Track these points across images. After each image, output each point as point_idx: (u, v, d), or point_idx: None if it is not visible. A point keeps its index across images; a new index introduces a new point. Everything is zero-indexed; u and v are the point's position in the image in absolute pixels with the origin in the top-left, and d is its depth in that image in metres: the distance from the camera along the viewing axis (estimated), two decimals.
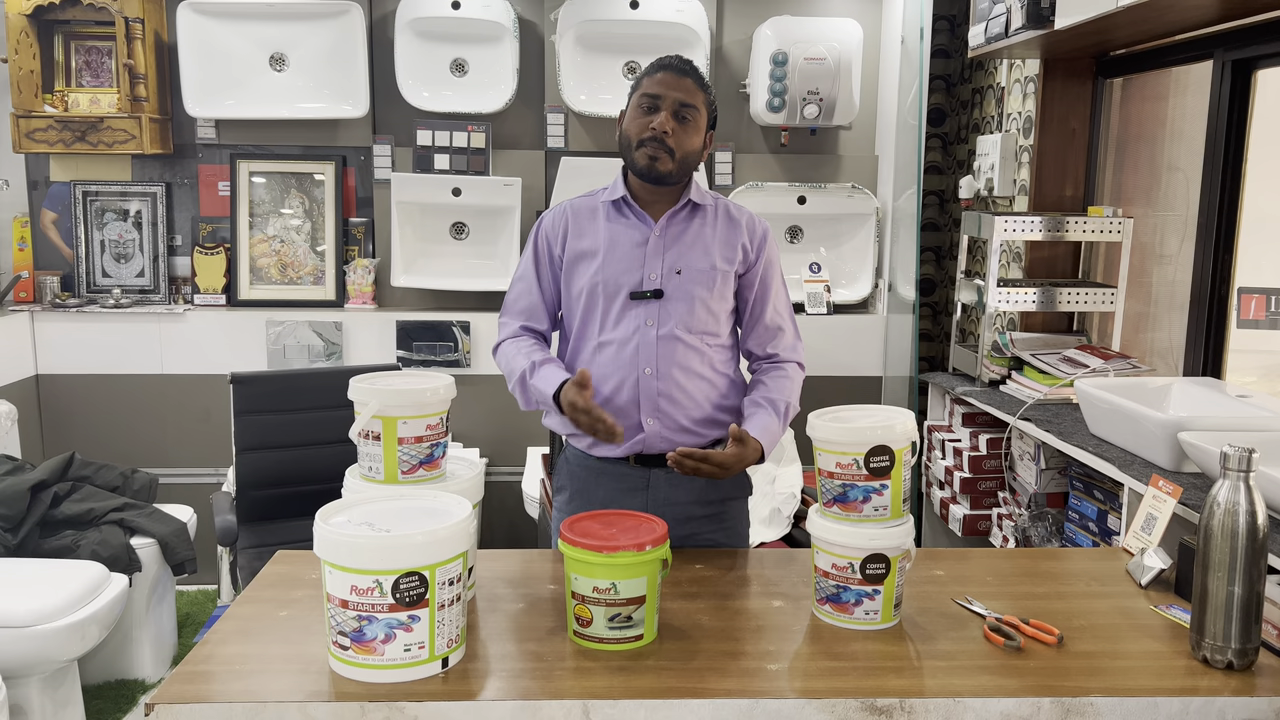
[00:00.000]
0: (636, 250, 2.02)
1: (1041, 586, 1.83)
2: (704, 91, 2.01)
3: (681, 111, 1.97)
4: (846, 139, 4.11)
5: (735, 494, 2.13)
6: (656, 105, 1.97)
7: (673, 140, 1.96)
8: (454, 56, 3.94)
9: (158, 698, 1.41)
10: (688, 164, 2.00)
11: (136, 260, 4.06)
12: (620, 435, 1.90)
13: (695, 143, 2.00)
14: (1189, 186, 2.89)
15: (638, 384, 2.00)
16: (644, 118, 1.98)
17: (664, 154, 1.96)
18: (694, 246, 2.03)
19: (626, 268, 2.01)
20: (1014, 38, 2.94)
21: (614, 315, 2.02)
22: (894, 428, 1.64)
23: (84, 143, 3.80)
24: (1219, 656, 1.52)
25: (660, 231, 2.03)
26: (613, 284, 2.01)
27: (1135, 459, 2.35)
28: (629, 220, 2.04)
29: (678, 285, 2.01)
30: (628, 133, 2.01)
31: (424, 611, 1.44)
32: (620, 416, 2.01)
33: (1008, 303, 3.14)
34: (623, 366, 2.01)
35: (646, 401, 2.01)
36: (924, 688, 1.46)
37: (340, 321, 3.93)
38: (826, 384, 3.93)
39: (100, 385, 3.93)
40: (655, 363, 2.00)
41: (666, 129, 1.95)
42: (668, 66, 1.99)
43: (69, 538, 3.03)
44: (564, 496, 2.14)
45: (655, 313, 2.01)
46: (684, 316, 2.01)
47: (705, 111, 2.01)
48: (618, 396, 2.01)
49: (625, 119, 2.03)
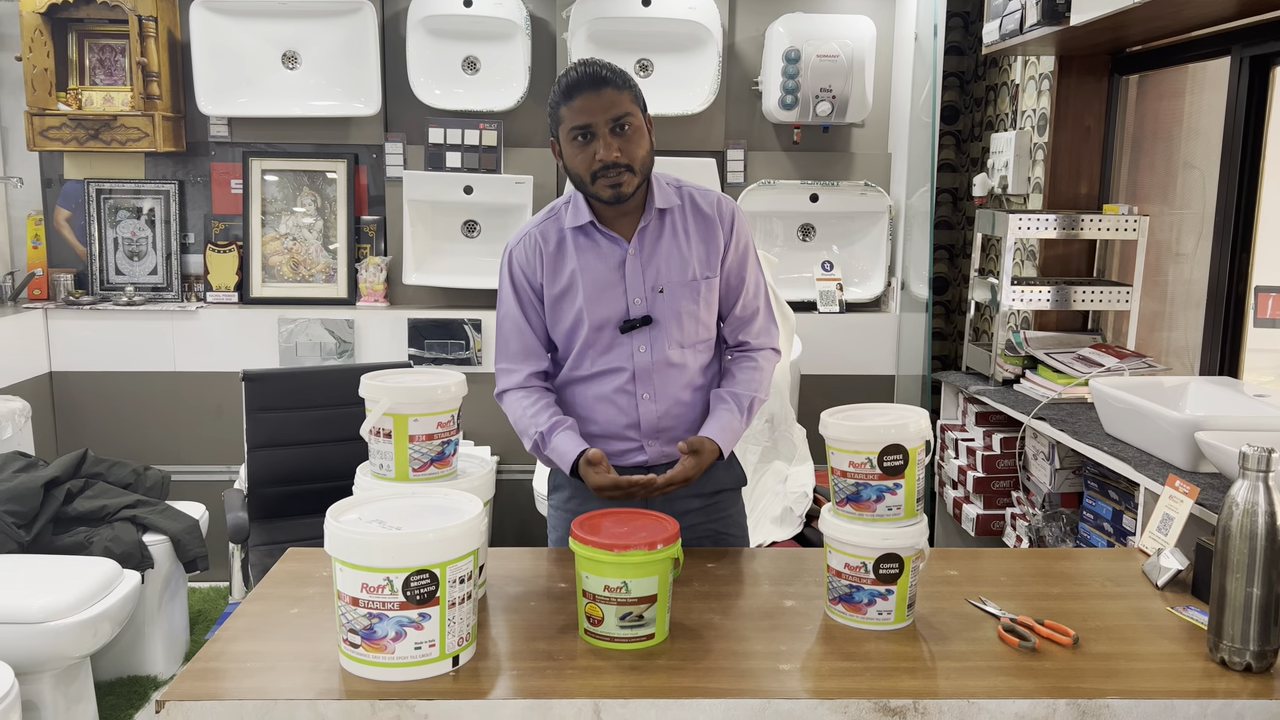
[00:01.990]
0: (614, 275, 1.95)
1: (1056, 587, 1.81)
2: (628, 89, 1.88)
3: (618, 126, 1.85)
4: (859, 136, 4.09)
5: (729, 484, 2.12)
6: (590, 133, 1.85)
7: (625, 158, 1.86)
8: (466, 54, 3.94)
9: (169, 694, 1.41)
10: (646, 169, 1.93)
11: (149, 258, 4.07)
12: (654, 483, 1.90)
13: (644, 145, 1.90)
14: (1206, 184, 2.86)
15: (636, 409, 1.99)
16: (584, 150, 1.86)
17: (624, 175, 1.87)
18: (671, 259, 1.96)
19: (609, 297, 1.95)
20: (1029, 34, 2.92)
21: (604, 345, 1.98)
22: (908, 426, 1.63)
23: (97, 141, 3.81)
24: (1237, 658, 1.50)
25: (635, 250, 1.96)
26: (598, 317, 1.96)
27: (1151, 459, 2.33)
28: (600, 246, 1.96)
29: (663, 305, 1.96)
30: (575, 169, 1.90)
31: (435, 609, 1.43)
32: (620, 441, 2.01)
33: (1022, 301, 3.12)
34: (619, 395, 1.98)
35: (647, 426, 2.00)
36: (937, 689, 1.45)
37: (352, 319, 3.94)
38: (839, 383, 3.92)
39: (113, 382, 3.94)
40: (652, 388, 1.98)
41: (615, 154, 1.85)
42: (579, 85, 1.85)
43: (82, 534, 3.04)
44: (563, 494, 2.12)
45: (647, 338, 1.97)
46: (675, 335, 1.97)
47: (638, 109, 1.90)
48: (616, 424, 2.00)
49: (564, 154, 1.92)
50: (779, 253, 4.03)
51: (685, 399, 2.01)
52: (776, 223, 4.10)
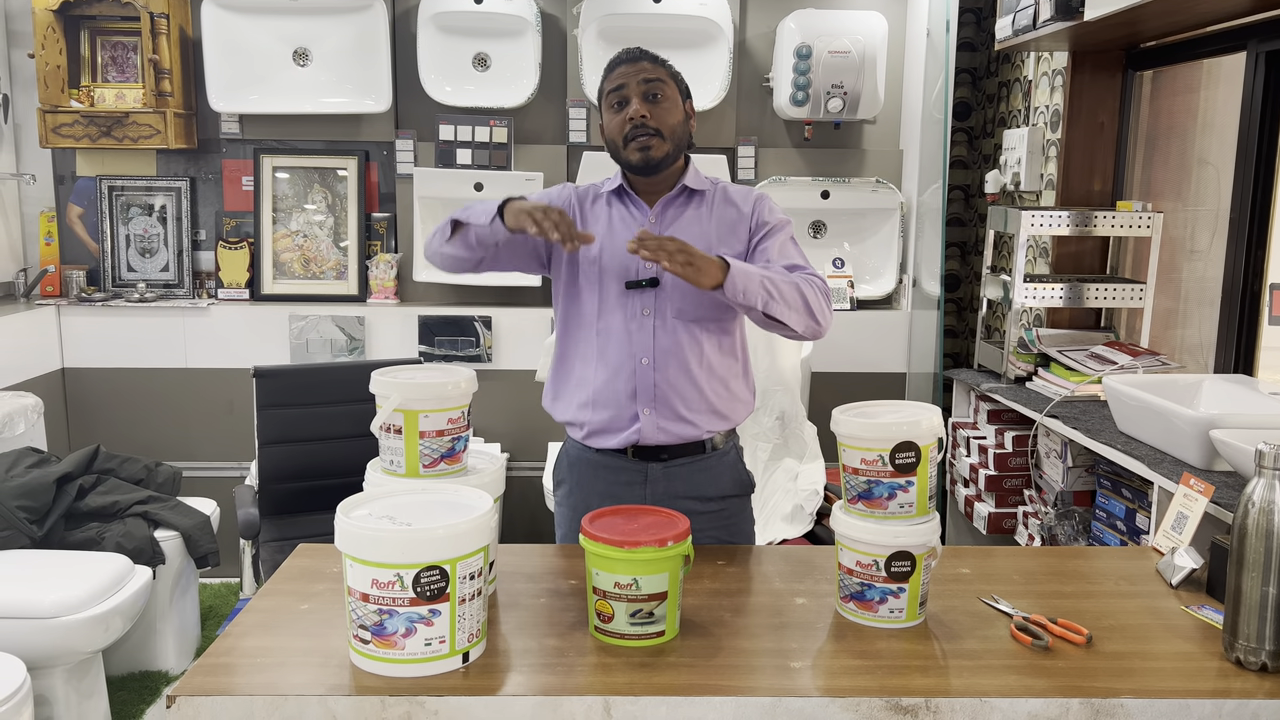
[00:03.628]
0: (631, 236, 1.98)
1: (1069, 586, 1.80)
2: (664, 67, 2.00)
3: (649, 90, 1.96)
4: (871, 133, 4.08)
5: (735, 491, 2.11)
6: (625, 97, 1.96)
7: (654, 121, 1.94)
8: (476, 51, 3.94)
9: (180, 689, 1.41)
10: (678, 139, 1.99)
11: (161, 255, 4.08)
12: (585, 237, 1.80)
13: (676, 115, 1.98)
14: (1221, 180, 2.84)
15: (634, 374, 1.99)
16: (618, 115, 1.98)
17: (653, 139, 1.95)
18: (690, 233, 1.99)
19: (624, 256, 1.99)
20: (1042, 30, 2.91)
21: (610, 303, 2.00)
22: (920, 424, 1.62)
23: (109, 137, 3.82)
24: (1252, 658, 1.49)
25: (656, 218, 2.02)
26: (609, 272, 2.00)
27: (1165, 457, 2.32)
28: (626, 209, 2.04)
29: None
30: (611, 136, 2.00)
31: (445, 606, 1.43)
32: (616, 406, 2.00)
33: (1034, 298, 3.10)
34: (618, 355, 1.99)
35: (643, 392, 1.99)
36: (949, 687, 1.44)
37: (362, 316, 3.94)
38: (850, 380, 3.91)
39: (125, 379, 3.95)
40: (652, 353, 1.98)
41: (644, 113, 1.94)
42: (620, 61, 1.99)
43: (94, 530, 3.05)
44: (564, 490, 2.14)
45: (651, 301, 1.99)
46: (681, 305, 1.98)
47: (673, 83, 2.00)
48: (613, 385, 2.00)
49: (604, 126, 2.02)
50: None
51: (685, 375, 1.98)
52: None
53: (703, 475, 2.06)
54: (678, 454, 2.04)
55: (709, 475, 2.06)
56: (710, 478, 2.06)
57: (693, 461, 2.05)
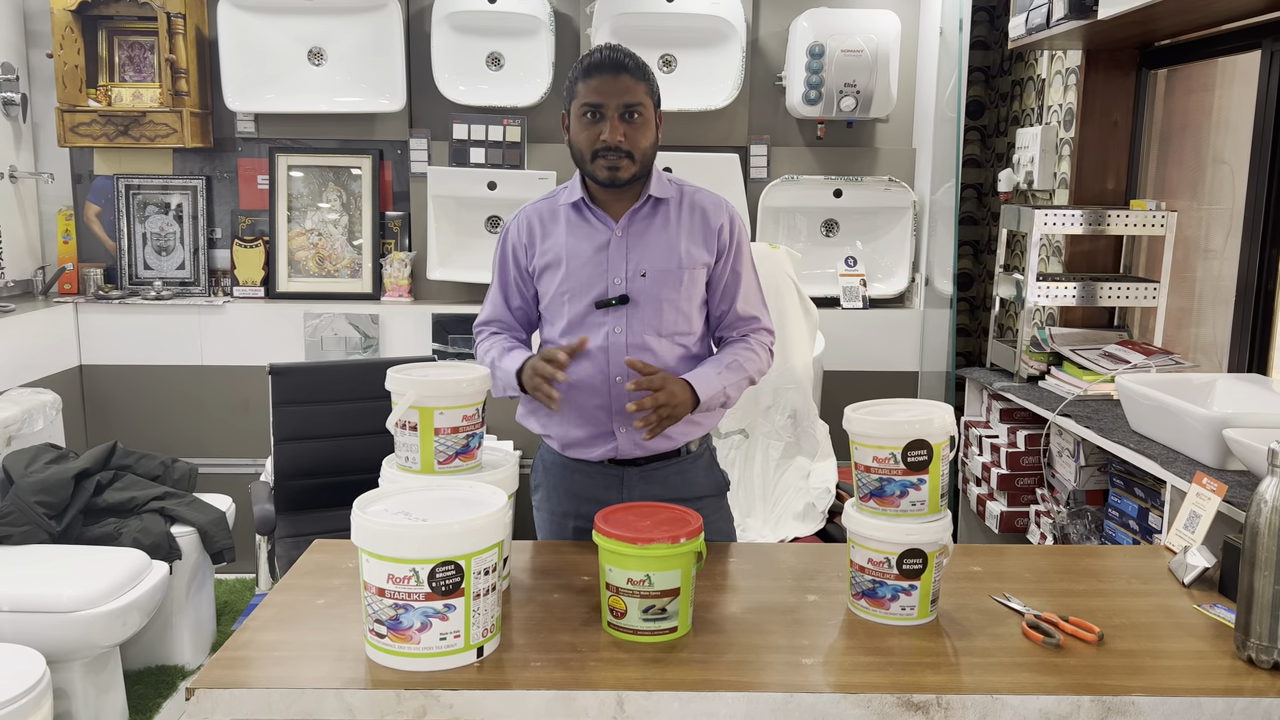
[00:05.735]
0: (599, 254, 1.98)
1: (1081, 584, 1.80)
2: (644, 81, 1.93)
3: (628, 112, 1.90)
4: (883, 132, 4.08)
5: (710, 492, 2.12)
6: (600, 113, 1.90)
7: (628, 144, 1.90)
8: (490, 50, 3.95)
9: (197, 683, 1.43)
10: (647, 161, 1.95)
11: (177, 253, 4.11)
12: (556, 402, 1.89)
13: (649, 137, 1.94)
14: (1235, 179, 2.83)
15: (609, 392, 1.99)
16: (591, 129, 1.91)
17: (623, 161, 1.91)
18: (658, 245, 1.98)
19: (591, 274, 1.97)
20: (1055, 28, 2.90)
21: (581, 322, 1.99)
22: (932, 422, 1.63)
23: (126, 136, 3.85)
24: (1264, 656, 1.49)
25: (622, 232, 1.98)
26: (579, 292, 1.98)
27: (1178, 456, 2.31)
28: (589, 224, 1.99)
29: (644, 288, 1.97)
30: (578, 145, 1.94)
31: (459, 601, 1.45)
32: (593, 424, 2.01)
33: (1047, 297, 3.10)
34: (593, 374, 1.98)
35: (618, 408, 1.99)
36: (961, 684, 1.44)
37: (377, 314, 3.96)
38: (862, 379, 3.91)
39: (141, 376, 3.98)
40: (625, 371, 1.97)
41: (619, 137, 1.89)
42: (600, 66, 1.91)
43: (111, 525, 3.07)
44: (540, 494, 2.16)
45: (623, 319, 1.97)
46: (653, 321, 1.98)
47: (650, 102, 1.94)
48: (589, 403, 2.00)
49: (571, 128, 1.96)
50: (802, 248, 4.03)
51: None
52: (800, 218, 4.09)
53: (678, 478, 2.07)
54: (654, 459, 2.05)
55: (684, 478, 2.07)
56: (685, 480, 2.07)
57: (668, 465, 2.06)
